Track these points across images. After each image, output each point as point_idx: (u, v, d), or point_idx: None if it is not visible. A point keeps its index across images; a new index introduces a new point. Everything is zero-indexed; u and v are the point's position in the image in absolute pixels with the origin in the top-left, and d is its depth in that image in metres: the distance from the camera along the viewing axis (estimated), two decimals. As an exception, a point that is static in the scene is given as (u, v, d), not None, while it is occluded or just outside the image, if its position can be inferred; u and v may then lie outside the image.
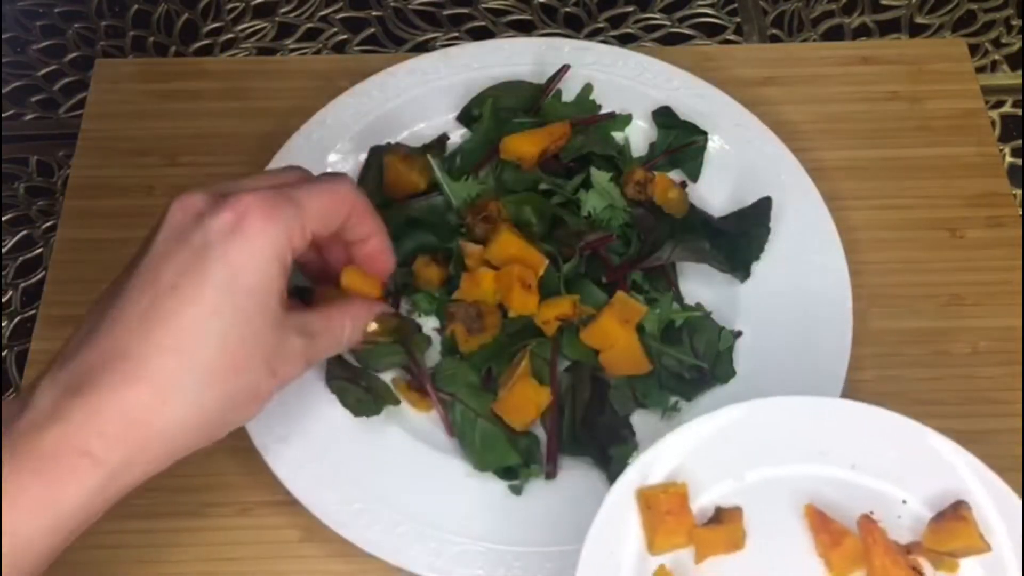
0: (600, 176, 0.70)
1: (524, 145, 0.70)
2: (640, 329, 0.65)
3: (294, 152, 0.73)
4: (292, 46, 0.85)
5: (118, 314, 0.44)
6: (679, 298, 0.68)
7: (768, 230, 0.70)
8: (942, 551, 0.51)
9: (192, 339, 0.43)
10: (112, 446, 0.42)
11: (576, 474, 0.63)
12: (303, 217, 0.47)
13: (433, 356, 0.67)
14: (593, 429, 0.63)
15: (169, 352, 0.42)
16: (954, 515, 0.51)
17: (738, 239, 0.69)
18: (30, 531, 0.41)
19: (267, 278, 0.45)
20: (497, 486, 0.63)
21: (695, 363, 0.65)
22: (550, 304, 0.65)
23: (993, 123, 0.80)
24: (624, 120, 0.76)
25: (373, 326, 0.57)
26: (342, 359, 0.65)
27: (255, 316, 0.45)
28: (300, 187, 0.48)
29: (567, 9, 0.87)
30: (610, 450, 0.62)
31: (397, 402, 0.65)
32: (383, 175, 0.71)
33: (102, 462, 0.42)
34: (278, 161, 0.73)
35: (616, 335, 0.64)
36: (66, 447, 0.41)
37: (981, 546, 0.50)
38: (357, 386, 0.64)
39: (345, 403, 0.64)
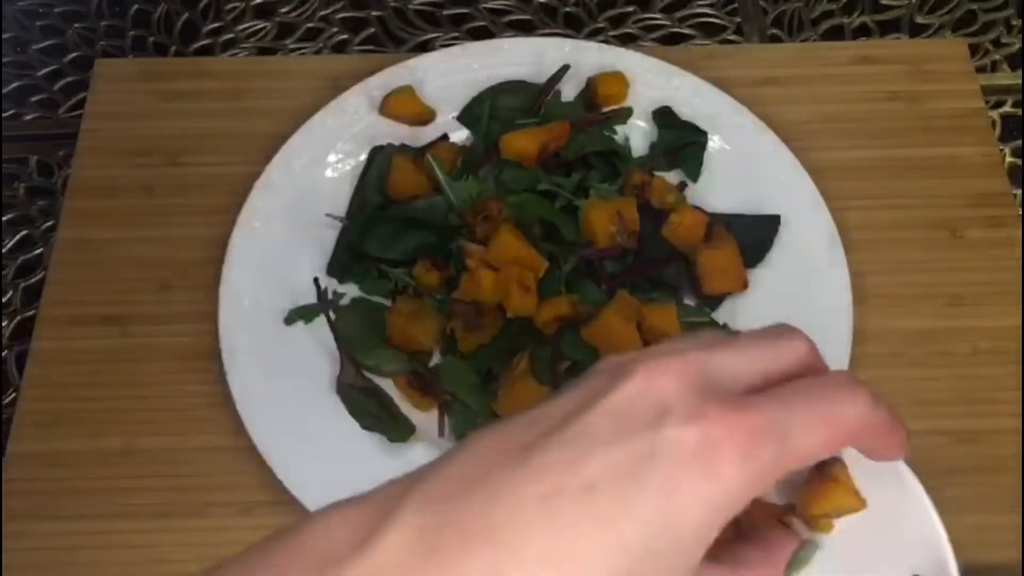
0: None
1: (523, 142, 0.70)
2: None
3: (294, 152, 0.74)
4: (292, 46, 0.85)
5: (511, 480, 0.33)
6: (679, 300, 0.68)
7: (771, 244, 0.70)
8: (816, 515, 0.49)
9: (580, 568, 0.32)
10: None
11: (576, 474, 0.63)
12: (784, 461, 0.34)
13: (433, 357, 0.67)
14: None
15: (547, 568, 0.32)
16: (824, 476, 0.49)
17: (739, 241, 0.69)
18: None
19: (704, 533, 0.33)
20: (497, 486, 0.63)
21: None
22: (549, 304, 0.65)
23: (993, 123, 0.80)
24: (624, 114, 0.76)
25: None
26: (357, 366, 0.65)
27: (665, 570, 0.33)
28: (797, 411, 0.34)
29: (567, 9, 0.87)
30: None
31: (412, 431, 0.64)
32: (388, 175, 0.71)
33: None
34: (278, 161, 0.73)
35: (618, 333, 0.64)
36: None
37: (855, 505, 0.48)
38: (370, 399, 0.65)
39: (354, 413, 0.64)
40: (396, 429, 0.63)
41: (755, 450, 0.33)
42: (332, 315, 0.68)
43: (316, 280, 0.69)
